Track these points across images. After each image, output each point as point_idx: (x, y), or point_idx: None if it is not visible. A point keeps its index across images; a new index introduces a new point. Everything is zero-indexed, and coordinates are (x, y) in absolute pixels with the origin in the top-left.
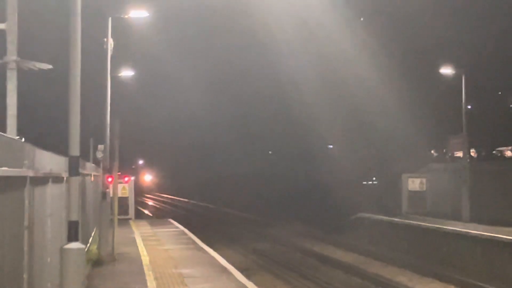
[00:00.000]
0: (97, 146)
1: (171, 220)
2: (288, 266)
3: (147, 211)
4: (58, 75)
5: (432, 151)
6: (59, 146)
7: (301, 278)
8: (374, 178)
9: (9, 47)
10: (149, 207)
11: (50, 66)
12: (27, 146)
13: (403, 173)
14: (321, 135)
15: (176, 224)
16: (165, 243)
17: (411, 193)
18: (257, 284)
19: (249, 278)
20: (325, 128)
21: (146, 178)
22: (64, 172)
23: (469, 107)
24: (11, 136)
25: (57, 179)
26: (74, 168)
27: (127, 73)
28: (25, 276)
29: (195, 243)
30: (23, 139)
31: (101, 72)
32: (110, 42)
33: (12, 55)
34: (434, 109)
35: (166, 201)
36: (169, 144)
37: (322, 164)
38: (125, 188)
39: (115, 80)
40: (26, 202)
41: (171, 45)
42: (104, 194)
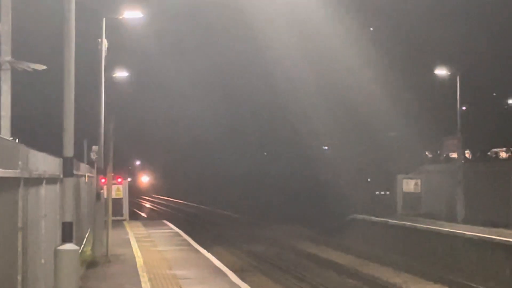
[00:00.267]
0: (91, 147)
1: (166, 221)
2: (283, 268)
3: (144, 214)
4: (52, 76)
5: (427, 152)
6: (53, 147)
7: (296, 280)
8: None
9: (3, 48)
10: (146, 210)
11: (44, 67)
12: (21, 147)
13: (398, 174)
14: (316, 136)
15: (171, 225)
16: (160, 244)
17: (406, 194)
18: (252, 286)
19: (244, 280)
20: (320, 129)
21: (144, 179)
22: (58, 173)
23: (464, 108)
24: (5, 137)
25: (51, 180)
26: (68, 169)
27: (122, 74)
28: (19, 278)
29: (190, 245)
30: (17, 140)
31: (96, 73)
32: (104, 43)
33: (6, 56)
34: (429, 110)
35: (164, 204)
36: (165, 145)
37: (317, 165)
38: (119, 189)
39: (110, 81)
40: (20, 203)
41: (166, 46)
42: (98, 195)
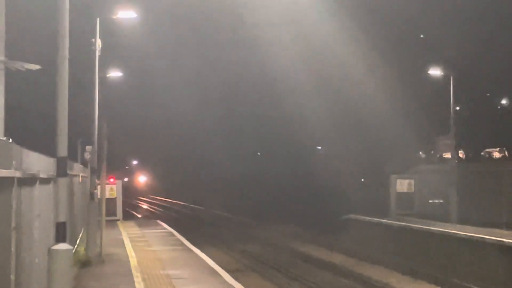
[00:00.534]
0: (85, 147)
1: (159, 221)
2: (277, 268)
3: (138, 214)
4: (46, 76)
5: (421, 152)
6: (47, 147)
7: (290, 280)
8: (363, 179)
9: None
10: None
11: (38, 67)
12: (15, 147)
13: (392, 174)
14: (311, 136)
15: (164, 225)
16: (153, 244)
17: (400, 194)
18: (246, 286)
19: (238, 280)
20: (315, 129)
21: (141, 180)
22: (52, 173)
23: (458, 109)
24: None
25: (45, 180)
26: (62, 169)
27: (116, 74)
28: (13, 278)
29: (183, 244)
30: (11, 140)
31: (90, 73)
32: (98, 43)
33: (0, 56)
34: (423, 111)
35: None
36: (162, 145)
37: (312, 165)
38: (113, 189)
39: (104, 81)
40: (14, 203)
41: (161, 46)
42: (92, 195)
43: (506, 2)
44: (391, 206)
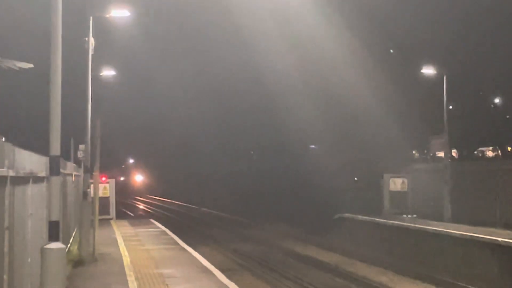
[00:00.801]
0: (78, 146)
1: (152, 220)
2: (270, 267)
3: (131, 213)
4: (39, 74)
5: (414, 151)
6: (40, 146)
7: (283, 279)
8: (356, 178)
9: None
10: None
11: (31, 65)
12: (8, 146)
13: (385, 173)
14: (304, 135)
15: (158, 224)
16: (146, 243)
17: (393, 193)
18: (238, 285)
19: (231, 279)
20: (308, 128)
21: (137, 179)
22: (45, 172)
23: (451, 108)
24: None
25: (38, 179)
26: (55, 168)
27: (109, 73)
28: (5, 277)
29: (177, 243)
30: (3, 139)
31: (83, 71)
32: (91, 41)
33: None
34: (416, 109)
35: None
36: (156, 144)
37: (305, 164)
38: (106, 188)
39: (98, 80)
40: (7, 202)
41: (154, 44)
42: (85, 194)
43: (499, 1)
44: (385, 205)
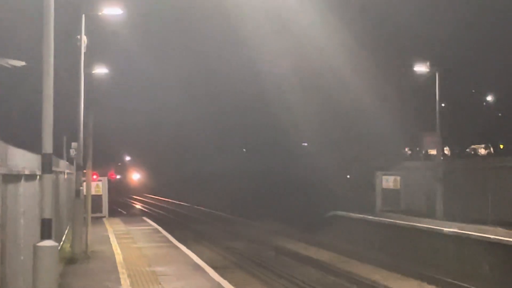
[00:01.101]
0: (71, 144)
1: (145, 218)
2: (263, 264)
3: (124, 211)
4: (32, 72)
5: (407, 149)
6: (32, 144)
7: (276, 276)
8: (349, 176)
9: None
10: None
11: (24, 63)
12: (0, 144)
13: (378, 171)
14: (297, 132)
15: (150, 222)
16: (139, 241)
17: (385, 191)
18: (231, 282)
19: (223, 276)
20: (301, 125)
21: (134, 177)
22: (37, 170)
23: (443, 105)
24: None
25: (30, 177)
26: (47, 166)
27: (101, 70)
28: None
29: (169, 241)
30: None
31: (75, 69)
32: (84, 39)
33: None
34: (408, 107)
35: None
36: (152, 142)
37: (298, 162)
38: (99, 186)
39: (91, 78)
40: None
41: (146, 42)
42: (78, 192)
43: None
44: (377, 203)
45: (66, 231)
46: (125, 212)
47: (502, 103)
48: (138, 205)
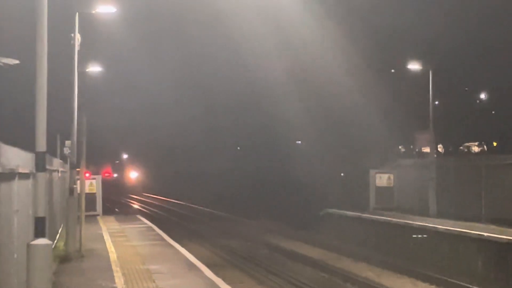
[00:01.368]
0: (64, 142)
1: (139, 216)
2: (256, 262)
3: (117, 209)
4: (25, 70)
5: (400, 147)
6: (26, 142)
7: (269, 274)
8: (342, 174)
9: None
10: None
11: (17, 61)
12: None
13: (371, 169)
14: (290, 131)
15: (144, 220)
16: (133, 239)
17: (379, 189)
18: (225, 280)
19: (217, 274)
20: (294, 123)
21: (132, 176)
22: (31, 168)
23: (436, 103)
24: None
25: (24, 175)
26: (41, 164)
27: (95, 69)
28: None
29: (163, 239)
30: None
31: (69, 68)
32: (78, 37)
33: None
34: (402, 105)
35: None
36: (149, 141)
37: (291, 160)
38: (93, 185)
39: (85, 76)
40: None
41: (140, 40)
42: (71, 190)
43: None
44: (371, 201)
45: (60, 230)
46: (118, 210)
47: (495, 101)
48: (136, 205)
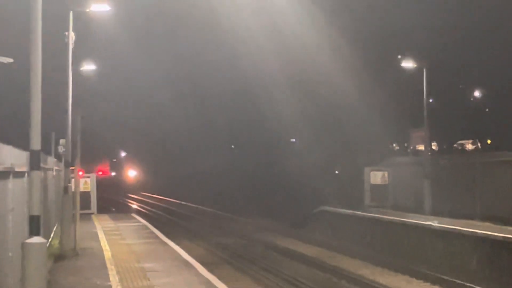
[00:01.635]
0: (59, 141)
1: (134, 215)
2: (251, 260)
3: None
4: (20, 69)
5: (395, 145)
6: (20, 140)
7: (264, 272)
8: (337, 172)
9: None
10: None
11: (11, 60)
12: None
13: (366, 167)
14: (285, 129)
15: (139, 218)
16: (128, 238)
17: (374, 186)
18: (220, 278)
19: (212, 272)
20: (289, 121)
21: (130, 174)
22: (26, 167)
23: (431, 101)
24: None
25: (19, 174)
26: (35, 163)
27: (90, 67)
28: None
29: (158, 237)
30: None
31: (63, 66)
32: (72, 36)
33: None
34: (396, 103)
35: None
36: (145, 139)
37: (286, 158)
38: (87, 183)
39: (78, 74)
40: None
41: (134, 39)
42: (66, 189)
43: None
44: (365, 198)
45: (55, 228)
46: (114, 209)
47: (490, 99)
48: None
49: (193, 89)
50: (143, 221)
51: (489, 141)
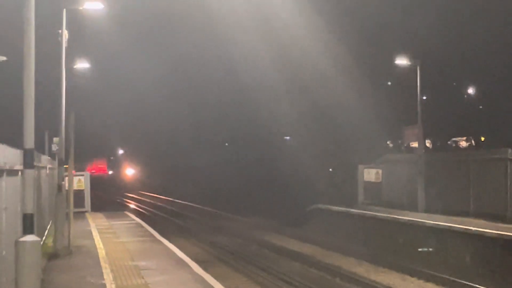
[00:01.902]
0: (53, 139)
1: (127, 213)
2: (245, 258)
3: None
4: (13, 67)
5: (388, 142)
6: (14, 139)
7: (258, 270)
8: (331, 169)
9: None
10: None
11: (4, 58)
12: None
13: (360, 164)
14: (279, 126)
15: (133, 217)
16: (122, 236)
17: (367, 184)
18: (214, 276)
19: (206, 270)
20: (282, 119)
21: (128, 172)
22: (19, 165)
23: (425, 98)
24: None
25: (12, 172)
26: (29, 161)
27: (83, 65)
28: None
29: (152, 236)
30: None
31: (57, 64)
32: (65, 34)
33: None
34: (390, 100)
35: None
36: (142, 137)
37: (280, 156)
38: (81, 181)
39: (72, 72)
40: None
41: (128, 37)
42: (60, 187)
43: None
44: (359, 196)
45: (49, 226)
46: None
47: (483, 96)
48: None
49: (189, 88)
50: (137, 219)
51: (483, 138)
